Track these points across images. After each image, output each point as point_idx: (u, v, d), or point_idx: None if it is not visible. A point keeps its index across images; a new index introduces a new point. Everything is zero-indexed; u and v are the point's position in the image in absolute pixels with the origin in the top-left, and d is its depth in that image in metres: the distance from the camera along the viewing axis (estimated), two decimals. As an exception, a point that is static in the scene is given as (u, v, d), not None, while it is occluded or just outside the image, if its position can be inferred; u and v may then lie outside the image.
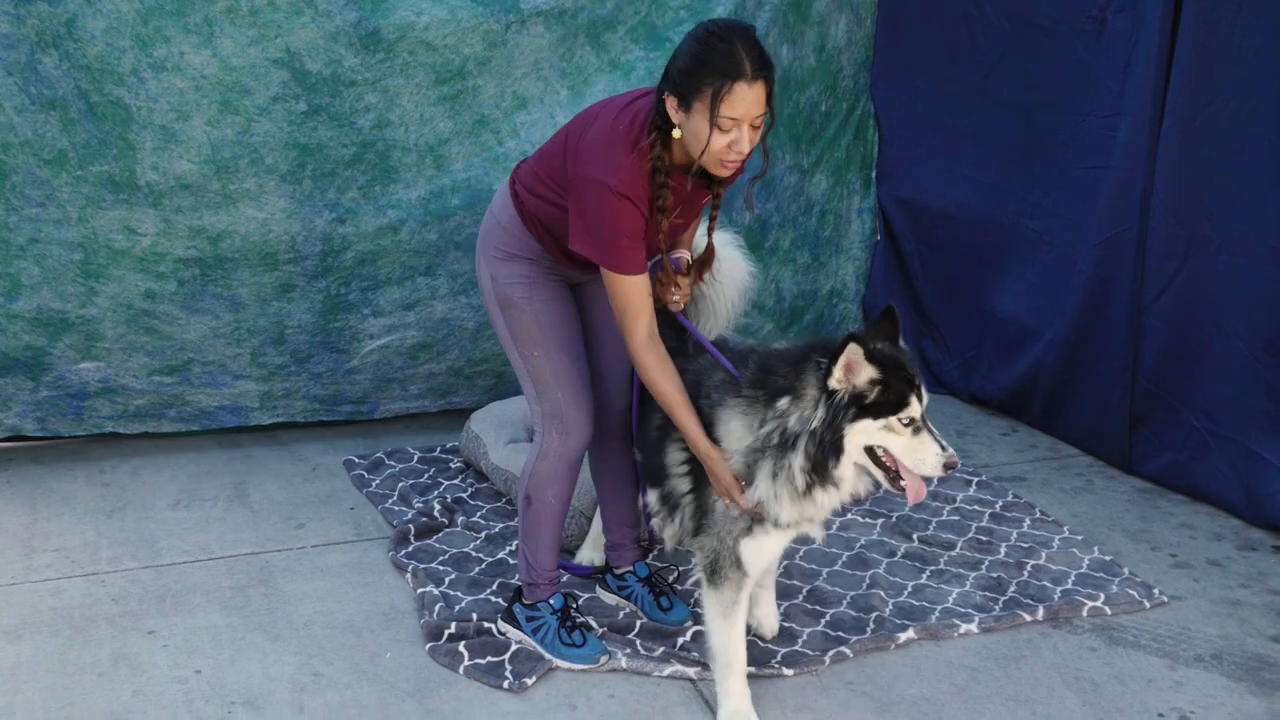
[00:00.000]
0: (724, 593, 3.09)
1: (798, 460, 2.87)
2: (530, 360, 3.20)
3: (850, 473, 2.91)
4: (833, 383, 2.81)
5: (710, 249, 3.22)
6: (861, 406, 2.81)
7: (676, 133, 2.84)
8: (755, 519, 3.01)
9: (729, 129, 2.76)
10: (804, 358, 2.91)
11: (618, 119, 2.93)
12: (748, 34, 2.76)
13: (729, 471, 2.95)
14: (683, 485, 3.16)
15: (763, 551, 3.07)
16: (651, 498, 3.32)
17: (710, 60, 2.73)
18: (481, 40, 4.31)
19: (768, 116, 2.84)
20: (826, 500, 2.95)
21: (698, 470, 3.09)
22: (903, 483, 2.87)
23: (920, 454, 2.84)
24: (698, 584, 3.19)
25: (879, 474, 2.90)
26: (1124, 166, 4.46)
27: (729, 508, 3.02)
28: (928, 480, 2.96)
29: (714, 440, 2.99)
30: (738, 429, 2.97)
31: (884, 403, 2.81)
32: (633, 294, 2.94)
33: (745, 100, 2.74)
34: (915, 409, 2.83)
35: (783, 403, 2.89)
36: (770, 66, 2.77)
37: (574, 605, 3.45)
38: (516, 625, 3.40)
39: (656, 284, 3.20)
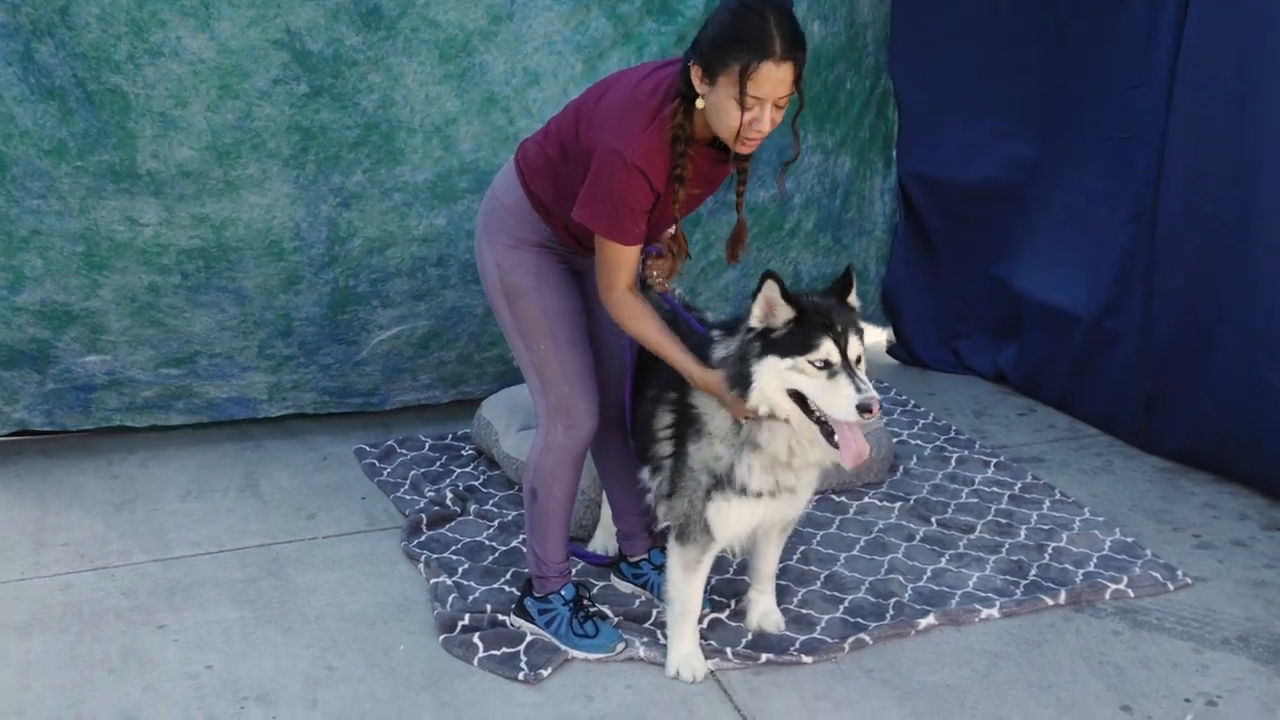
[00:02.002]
0: (689, 551, 3.15)
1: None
2: (536, 352, 3.12)
3: (808, 431, 2.87)
4: (752, 320, 2.86)
5: (741, 225, 3.12)
6: (768, 343, 2.83)
7: (700, 103, 2.75)
8: (717, 484, 3.03)
9: (752, 107, 2.69)
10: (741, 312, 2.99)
11: (637, 88, 2.84)
12: (784, 10, 2.67)
13: (727, 392, 2.92)
14: (665, 449, 3.17)
15: (728, 518, 3.07)
16: (644, 473, 3.29)
17: (741, 35, 2.64)
18: (485, 14, 4.22)
19: (795, 98, 2.76)
20: (797, 472, 2.99)
21: (680, 434, 3.11)
22: (835, 438, 2.83)
23: (832, 396, 2.77)
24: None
25: (816, 431, 2.85)
26: (1148, 139, 4.39)
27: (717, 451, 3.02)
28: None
29: (695, 405, 3.05)
30: None
31: (791, 342, 2.81)
32: (623, 258, 2.89)
33: (772, 80, 2.66)
34: (828, 351, 2.79)
35: (716, 333, 3.00)
36: (801, 47, 2.69)
37: (586, 595, 3.40)
38: (528, 618, 3.36)
39: (666, 255, 3.22)
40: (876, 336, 5.90)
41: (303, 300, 4.36)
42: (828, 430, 2.82)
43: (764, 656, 3.27)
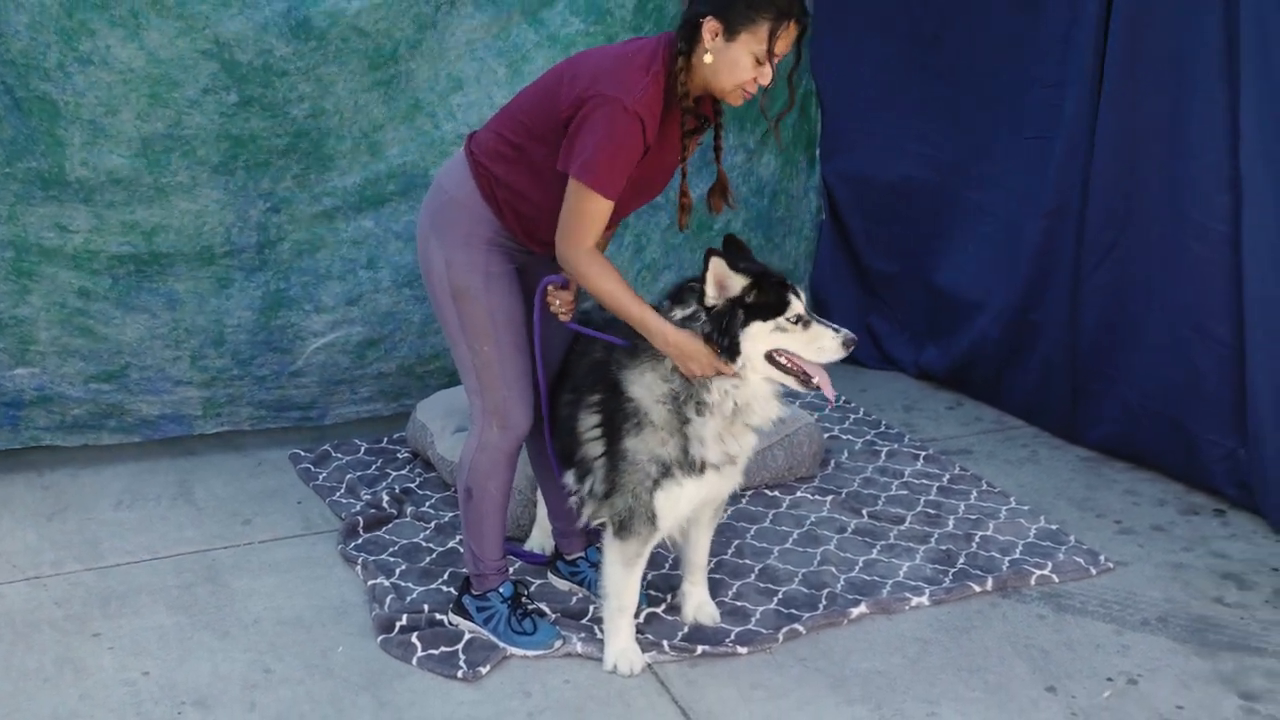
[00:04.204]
0: (629, 545, 3.18)
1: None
2: (478, 354, 3.13)
3: (763, 389, 3.05)
4: (709, 301, 2.98)
5: (722, 177, 3.19)
6: (749, 310, 2.97)
7: (708, 57, 2.86)
8: (664, 471, 3.09)
9: (766, 62, 2.86)
10: (680, 287, 3.11)
11: (624, 48, 2.95)
12: None
13: (703, 347, 2.98)
14: (594, 449, 3.19)
15: (677, 503, 3.13)
16: (568, 478, 3.31)
17: None
18: (412, 23, 4.26)
19: (792, 56, 2.96)
20: (739, 438, 3.11)
21: (609, 432, 3.14)
22: (815, 380, 3.01)
23: (818, 343, 3.01)
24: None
25: (789, 380, 3.04)
26: (1070, 135, 4.50)
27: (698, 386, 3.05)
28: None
29: (633, 399, 3.08)
30: (651, 379, 3.08)
31: (766, 304, 2.98)
32: (598, 213, 2.89)
33: (790, 39, 2.88)
34: (798, 307, 3.00)
35: (665, 303, 3.08)
36: (809, 12, 2.93)
37: (524, 592, 3.43)
38: (467, 616, 3.38)
39: (570, 285, 3.20)
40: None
41: (234, 304, 4.34)
42: (803, 377, 3.01)
43: (700, 648, 3.32)
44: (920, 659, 3.32)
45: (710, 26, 2.84)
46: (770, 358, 3.00)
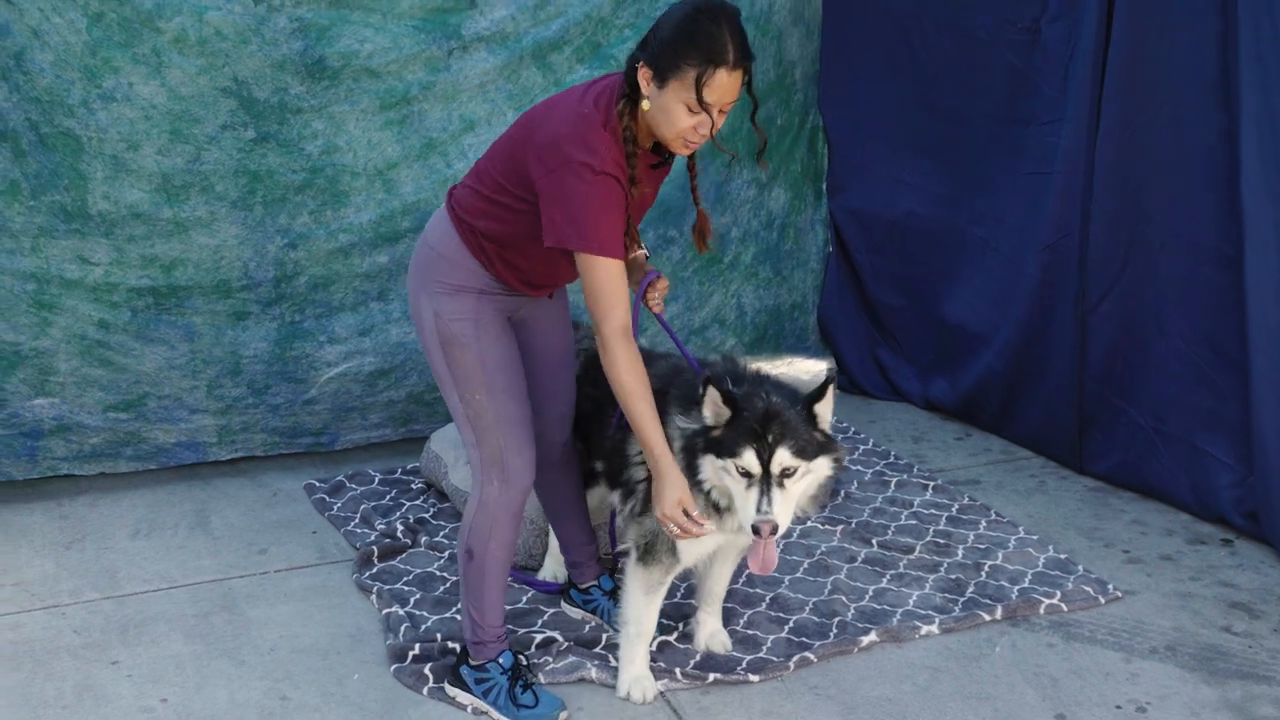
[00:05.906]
0: (652, 572, 3.20)
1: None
2: (471, 404, 3.05)
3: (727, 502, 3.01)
4: (706, 420, 2.97)
5: (701, 215, 3.15)
6: (709, 441, 2.95)
7: (645, 104, 2.80)
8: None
9: (701, 112, 2.76)
10: (687, 397, 3.07)
11: (581, 103, 2.86)
12: (735, 19, 2.75)
13: (678, 488, 2.93)
14: (639, 473, 3.21)
15: (694, 543, 3.13)
16: (615, 497, 3.34)
17: (696, 41, 2.71)
18: (424, 66, 4.37)
19: (747, 100, 2.89)
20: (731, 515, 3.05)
21: None
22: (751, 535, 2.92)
23: (741, 505, 2.92)
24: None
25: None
26: (1067, 171, 4.55)
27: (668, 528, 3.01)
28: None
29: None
30: (676, 431, 3.07)
31: (721, 443, 2.92)
32: (613, 279, 2.83)
33: (724, 86, 2.74)
34: (749, 461, 2.87)
35: (672, 410, 3.06)
36: (751, 56, 2.78)
37: (525, 662, 3.31)
38: (464, 688, 3.24)
39: (639, 285, 3.23)
40: (818, 367, 6.00)
41: (250, 336, 4.41)
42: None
43: (712, 676, 3.35)
44: (930, 687, 3.34)
45: (644, 74, 2.78)
46: None
